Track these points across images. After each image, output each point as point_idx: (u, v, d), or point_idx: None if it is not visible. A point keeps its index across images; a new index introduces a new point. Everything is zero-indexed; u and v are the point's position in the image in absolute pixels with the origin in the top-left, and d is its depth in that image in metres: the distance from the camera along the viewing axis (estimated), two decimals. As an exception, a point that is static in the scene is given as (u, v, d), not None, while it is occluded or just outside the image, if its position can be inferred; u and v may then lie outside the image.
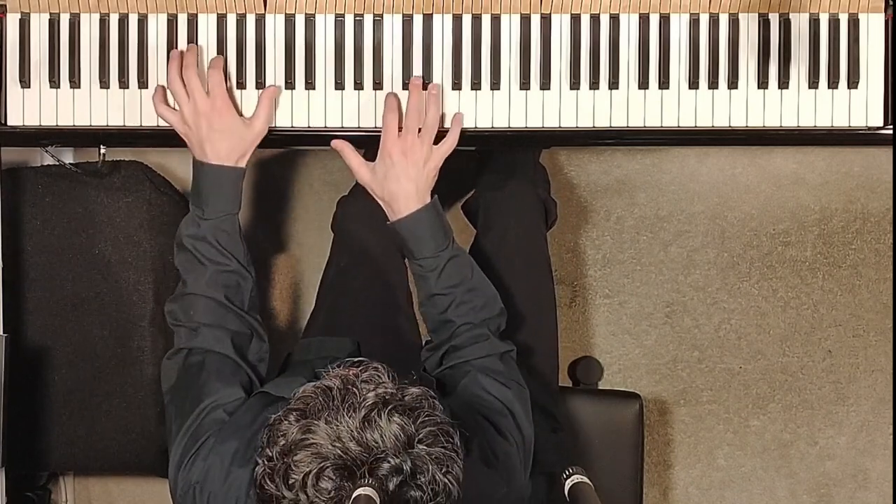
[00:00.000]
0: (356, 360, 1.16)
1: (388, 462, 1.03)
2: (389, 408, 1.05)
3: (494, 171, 1.88)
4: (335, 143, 1.45)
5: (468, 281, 1.45)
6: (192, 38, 1.49)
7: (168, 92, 1.45)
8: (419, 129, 1.40)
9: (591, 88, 1.49)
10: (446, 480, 1.06)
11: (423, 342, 1.52)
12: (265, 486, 1.08)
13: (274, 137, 1.51)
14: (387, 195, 1.40)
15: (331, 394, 1.07)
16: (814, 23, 1.50)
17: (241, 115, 1.45)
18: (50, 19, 1.49)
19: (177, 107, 1.44)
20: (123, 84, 1.49)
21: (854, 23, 1.49)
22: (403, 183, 1.38)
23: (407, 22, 1.48)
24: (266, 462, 1.08)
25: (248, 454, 1.23)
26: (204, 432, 1.29)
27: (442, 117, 1.45)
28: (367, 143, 1.47)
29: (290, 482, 1.05)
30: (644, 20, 1.49)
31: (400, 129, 1.40)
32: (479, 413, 1.34)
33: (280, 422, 1.09)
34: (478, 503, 1.20)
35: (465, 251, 1.50)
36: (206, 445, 1.29)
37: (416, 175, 1.38)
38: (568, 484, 1.14)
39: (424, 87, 1.43)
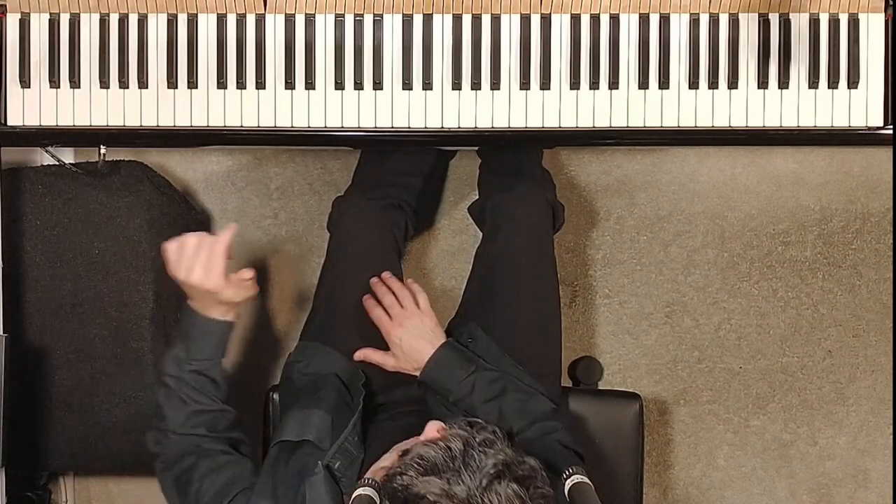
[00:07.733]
0: (470, 419, 1.18)
1: None
2: (509, 476, 1.07)
3: (500, 173, 1.88)
4: (357, 355, 1.59)
5: (509, 392, 1.49)
6: (192, 37, 1.49)
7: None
8: (399, 304, 1.58)
9: (591, 88, 1.49)
10: None
11: None
12: None
13: (274, 137, 1.51)
14: (414, 363, 1.55)
15: (451, 454, 1.09)
16: (814, 23, 1.50)
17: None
18: (50, 19, 1.49)
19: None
20: (123, 84, 1.49)
21: (854, 23, 1.49)
22: (416, 344, 1.55)
23: (407, 22, 1.48)
24: None
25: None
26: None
27: None
28: (367, 143, 1.47)
29: None
30: (644, 20, 1.49)
31: (388, 315, 1.58)
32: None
33: (399, 475, 1.09)
34: None
35: (495, 369, 1.54)
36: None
37: (422, 332, 1.56)
38: (568, 484, 1.14)
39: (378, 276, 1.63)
